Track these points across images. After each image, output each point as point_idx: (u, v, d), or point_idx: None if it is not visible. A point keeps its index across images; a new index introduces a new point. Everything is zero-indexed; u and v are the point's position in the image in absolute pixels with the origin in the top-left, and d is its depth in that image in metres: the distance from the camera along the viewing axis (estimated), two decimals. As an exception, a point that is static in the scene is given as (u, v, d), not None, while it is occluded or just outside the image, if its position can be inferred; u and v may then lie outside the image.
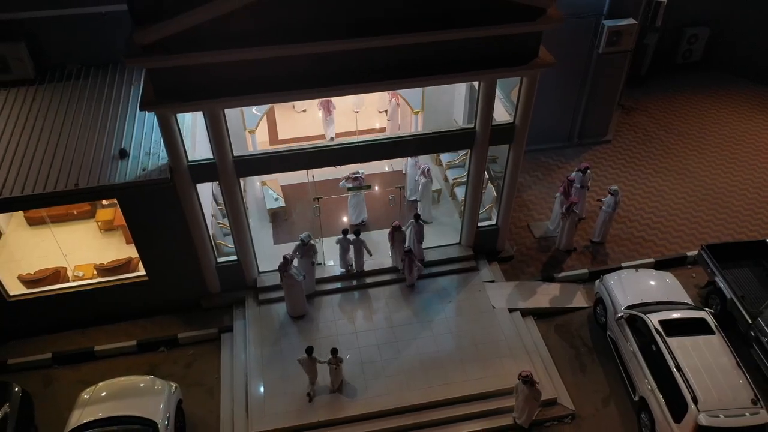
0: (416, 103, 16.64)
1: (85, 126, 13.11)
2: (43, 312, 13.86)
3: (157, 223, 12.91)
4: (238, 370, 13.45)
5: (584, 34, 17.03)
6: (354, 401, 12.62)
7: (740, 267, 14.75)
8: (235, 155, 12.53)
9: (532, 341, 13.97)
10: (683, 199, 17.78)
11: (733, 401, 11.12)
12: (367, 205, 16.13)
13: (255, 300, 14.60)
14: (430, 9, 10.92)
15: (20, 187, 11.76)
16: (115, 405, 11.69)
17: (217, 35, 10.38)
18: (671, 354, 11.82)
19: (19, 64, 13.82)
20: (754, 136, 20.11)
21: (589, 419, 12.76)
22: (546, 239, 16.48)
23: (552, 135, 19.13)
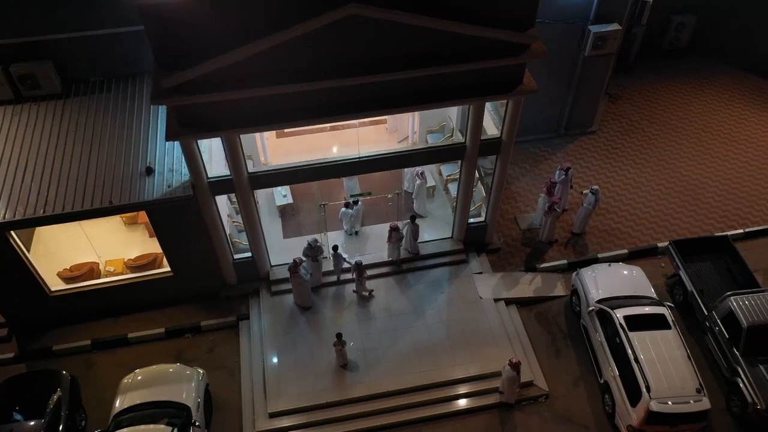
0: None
1: (112, 141, 14.46)
2: (81, 304, 15.66)
3: (181, 230, 14.51)
4: (255, 355, 15.35)
5: (571, 37, 18.08)
6: (357, 384, 14.56)
7: (703, 261, 16.43)
8: (249, 171, 14.00)
9: (513, 328, 15.82)
10: (658, 191, 19.27)
11: (680, 390, 13.02)
12: (368, 202, 17.62)
13: (268, 291, 16.37)
14: (428, 49, 12.10)
15: (61, 204, 13.26)
16: (151, 391, 13.61)
17: (231, 77, 11.63)
18: (631, 347, 13.65)
19: (48, 80, 15.04)
20: (731, 127, 21.37)
21: (561, 398, 14.75)
22: (531, 231, 18.10)
23: (540, 126, 20.40)
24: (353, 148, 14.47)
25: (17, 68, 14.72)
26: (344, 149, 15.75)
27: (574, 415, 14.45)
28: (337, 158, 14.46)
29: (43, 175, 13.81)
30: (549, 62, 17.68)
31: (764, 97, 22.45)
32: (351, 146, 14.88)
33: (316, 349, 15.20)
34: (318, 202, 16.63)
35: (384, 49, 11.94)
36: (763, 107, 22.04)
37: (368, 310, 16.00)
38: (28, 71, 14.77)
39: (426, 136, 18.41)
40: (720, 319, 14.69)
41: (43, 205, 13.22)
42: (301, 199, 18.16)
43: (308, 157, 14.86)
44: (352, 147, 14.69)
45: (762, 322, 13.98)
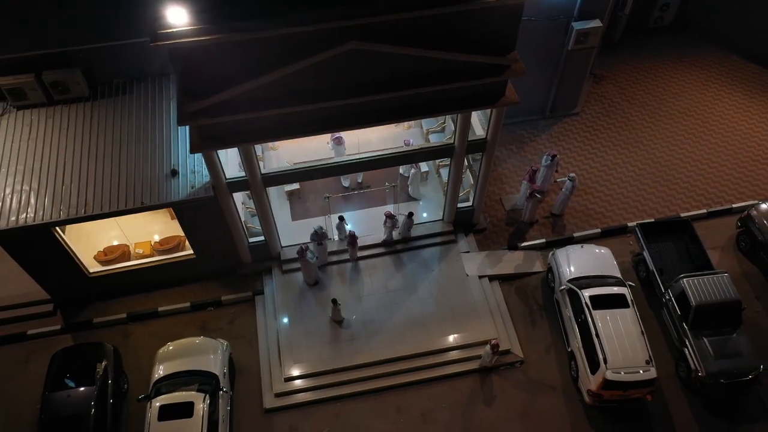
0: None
1: (139, 143, 16.17)
2: (116, 282, 17.83)
3: (202, 222, 16.45)
4: (270, 326, 17.66)
5: (556, 33, 19.38)
6: (360, 352, 16.92)
7: (666, 242, 18.46)
8: (262, 173, 15.82)
9: (495, 302, 18.06)
10: (633, 172, 21.07)
11: (632, 361, 15.34)
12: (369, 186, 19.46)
13: (280, 269, 18.51)
14: (420, 72, 13.65)
15: (99, 205, 15.16)
16: (184, 361, 15.94)
17: (245, 101, 13.26)
18: (594, 323, 15.90)
19: (76, 85, 16.56)
20: (705, 107, 22.87)
21: (534, 364, 17.15)
22: (515, 211, 20.03)
23: (527, 109, 21.89)
24: (355, 144, 16.23)
25: (49, 75, 16.24)
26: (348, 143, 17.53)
27: (544, 378, 16.90)
28: (341, 159, 16.24)
29: (80, 176, 15.62)
30: (536, 54, 19.35)
31: (739, 78, 23.85)
32: (352, 141, 16.61)
33: (323, 321, 17.50)
34: (322, 191, 18.45)
35: (380, 72, 13.51)
36: (737, 88, 23.48)
37: (368, 286, 18.19)
38: (59, 78, 16.29)
39: (428, 136, 20.08)
40: (674, 296, 16.89)
41: (83, 206, 15.13)
42: (307, 184, 19.96)
43: (313, 150, 16.63)
44: (353, 143, 16.43)
45: (708, 301, 16.17)
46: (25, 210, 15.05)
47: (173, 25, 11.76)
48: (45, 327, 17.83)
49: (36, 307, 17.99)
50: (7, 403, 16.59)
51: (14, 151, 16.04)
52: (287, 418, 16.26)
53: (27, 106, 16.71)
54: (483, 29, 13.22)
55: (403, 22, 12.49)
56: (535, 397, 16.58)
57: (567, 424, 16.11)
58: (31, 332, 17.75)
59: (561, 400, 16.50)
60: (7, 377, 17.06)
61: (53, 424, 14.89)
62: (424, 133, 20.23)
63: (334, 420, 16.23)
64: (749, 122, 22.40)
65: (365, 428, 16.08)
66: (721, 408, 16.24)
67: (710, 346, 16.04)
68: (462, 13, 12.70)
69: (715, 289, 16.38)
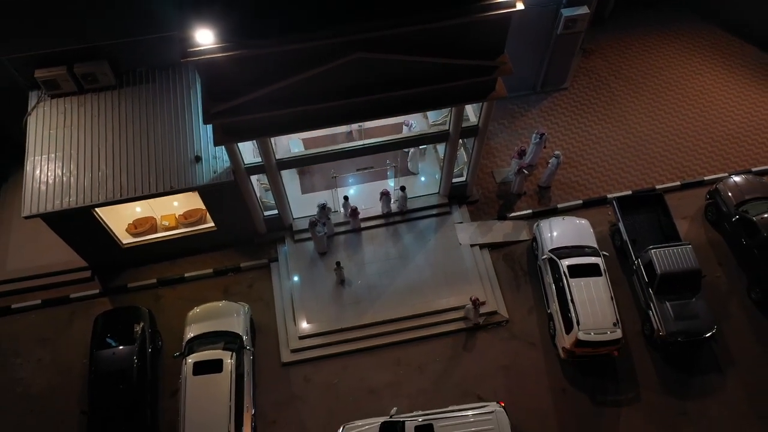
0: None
1: (164, 130, 17.86)
2: (146, 251, 19.94)
3: (223, 201, 18.39)
4: (284, 290, 19.89)
5: (546, 18, 20.66)
6: (365, 313, 19.22)
7: (639, 214, 20.41)
8: (276, 158, 17.62)
9: (485, 268, 20.23)
10: (615, 145, 22.79)
11: (601, 324, 17.63)
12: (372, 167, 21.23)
13: (292, 239, 20.58)
14: (420, 73, 15.25)
15: (133, 188, 17.06)
16: (211, 323, 18.23)
17: (262, 102, 14.92)
18: (570, 290, 18.12)
19: (104, 76, 18.09)
20: (687, 81, 24.31)
21: (518, 323, 19.49)
22: (505, 184, 21.90)
23: (519, 85, 23.30)
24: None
25: (79, 68, 17.75)
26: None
27: (526, 336, 19.28)
28: (347, 146, 18.03)
29: (114, 161, 17.44)
30: (527, 37, 20.84)
31: (721, 51, 25.16)
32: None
33: (331, 285, 19.72)
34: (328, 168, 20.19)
35: (383, 75, 15.11)
36: (718, 62, 24.85)
37: (371, 255, 20.31)
38: (88, 70, 17.81)
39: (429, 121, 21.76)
40: (643, 265, 19.02)
41: (119, 190, 17.04)
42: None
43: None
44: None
45: (672, 270, 18.31)
46: (68, 194, 16.97)
47: (199, 44, 13.33)
48: (85, 291, 20.07)
49: (75, 274, 20.17)
50: (58, 357, 19.03)
51: (52, 138, 17.79)
52: (302, 370, 18.75)
53: (60, 95, 18.30)
54: (476, 37, 14.75)
55: (403, 34, 14.03)
56: (517, 352, 19.01)
57: (544, 376, 18.61)
58: (74, 296, 20.01)
59: (540, 354, 18.93)
60: (55, 335, 19.44)
61: (102, 378, 17.32)
62: (428, 123, 21.69)
63: (343, 372, 18.71)
64: (727, 96, 23.93)
65: (369, 379, 18.57)
66: (678, 362, 18.68)
67: (671, 309, 18.30)
68: (458, 25, 14.20)
69: (678, 259, 18.51)
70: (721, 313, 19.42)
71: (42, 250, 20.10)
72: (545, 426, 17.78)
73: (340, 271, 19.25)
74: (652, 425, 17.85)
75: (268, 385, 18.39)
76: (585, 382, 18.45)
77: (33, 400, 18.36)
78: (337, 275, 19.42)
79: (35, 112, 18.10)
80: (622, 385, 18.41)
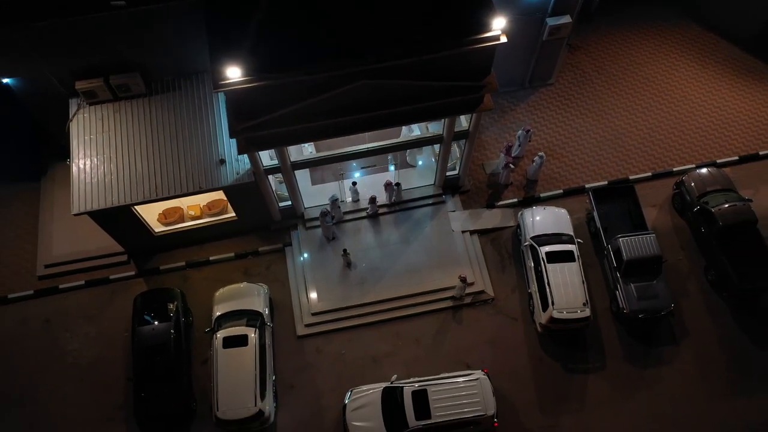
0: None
1: (191, 134, 20.17)
2: (175, 238, 22.58)
3: (245, 197, 20.90)
4: (298, 272, 22.62)
5: (533, 26, 22.66)
6: (369, 292, 21.98)
7: (612, 203, 22.91)
8: (291, 161, 20.05)
9: (474, 252, 22.90)
10: (594, 138, 25.10)
11: (573, 304, 20.42)
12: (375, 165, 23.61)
13: (304, 226, 23.19)
14: (417, 92, 17.53)
15: (167, 188, 19.51)
16: (236, 302, 21.00)
17: (280, 119, 17.27)
18: (546, 274, 20.84)
19: (136, 86, 20.31)
20: (663, 77, 26.39)
21: (502, 301, 22.29)
22: (494, 175, 24.33)
23: (508, 81, 25.44)
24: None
25: (114, 79, 19.92)
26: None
27: (509, 311, 22.11)
28: (353, 149, 20.45)
29: (148, 164, 19.85)
30: (516, 41, 22.83)
31: (698, 47, 27.13)
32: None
33: (339, 268, 22.43)
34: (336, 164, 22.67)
35: (385, 95, 17.41)
36: (693, 58, 26.86)
37: (374, 240, 22.95)
38: (123, 81, 20.01)
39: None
40: (612, 251, 21.68)
41: (155, 190, 19.52)
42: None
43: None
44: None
45: (637, 257, 20.97)
46: (111, 193, 19.45)
47: (227, 77, 15.62)
48: (122, 273, 22.80)
49: (113, 258, 22.86)
50: (102, 331, 21.91)
51: (93, 143, 20.15)
52: (314, 342, 21.67)
53: (97, 102, 20.55)
54: (466, 64, 17.02)
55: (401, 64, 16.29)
56: (501, 326, 21.89)
57: (524, 347, 21.53)
58: (113, 277, 22.76)
59: (521, 328, 21.82)
60: (99, 312, 22.25)
61: (144, 350, 20.21)
62: (426, 126, 23.86)
63: (349, 343, 21.63)
64: (699, 91, 26.07)
65: (372, 349, 21.49)
66: (640, 335, 21.58)
67: (635, 290, 21.05)
68: (449, 56, 16.42)
69: (643, 246, 21.16)
70: (680, 291, 22.22)
71: (83, 237, 22.67)
72: (523, 390, 20.81)
73: (346, 256, 21.95)
74: (615, 389, 20.88)
75: (285, 355, 21.35)
76: (559, 352, 21.38)
77: (83, 368, 21.33)
78: (344, 260, 22.12)
79: (76, 119, 20.41)
80: (590, 354, 21.36)
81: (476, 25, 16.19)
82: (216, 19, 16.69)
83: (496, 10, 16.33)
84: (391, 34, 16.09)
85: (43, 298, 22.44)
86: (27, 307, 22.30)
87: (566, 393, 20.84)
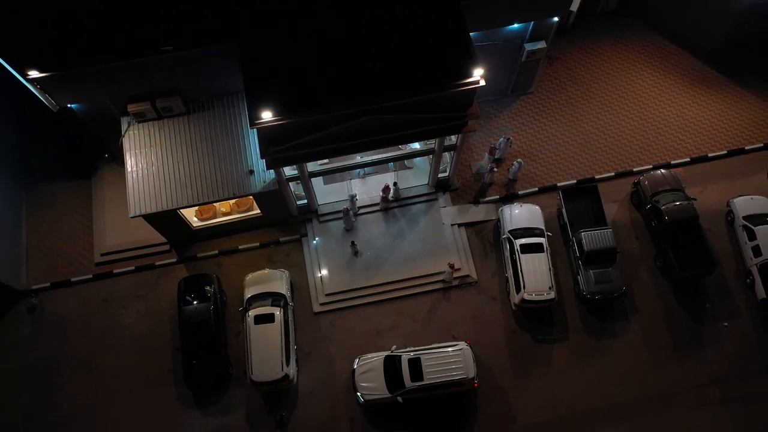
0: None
1: (224, 147, 24.16)
2: (210, 231, 26.85)
3: (270, 199, 25.04)
4: (313, 259, 26.95)
5: (512, 50, 26.32)
6: (374, 276, 26.35)
7: (579, 201, 27.02)
8: (308, 171, 24.14)
9: (462, 243, 27.17)
10: (567, 142, 29.02)
11: (541, 288, 24.80)
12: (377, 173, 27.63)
13: (318, 220, 27.40)
14: (412, 121, 21.47)
15: (206, 194, 23.63)
16: (263, 286, 25.40)
17: (301, 144, 21.28)
18: (520, 263, 25.16)
19: (177, 107, 24.20)
20: (630, 86, 30.06)
21: (484, 283, 26.69)
22: (480, 174, 28.39)
23: (493, 90, 29.15)
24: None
25: (160, 102, 23.78)
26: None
27: (489, 292, 26.54)
28: (359, 161, 24.50)
29: (190, 173, 23.91)
30: (499, 61, 26.68)
31: (661, 58, 30.71)
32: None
33: (348, 256, 26.74)
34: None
35: (386, 124, 21.36)
36: (657, 68, 30.49)
37: (377, 232, 27.18)
38: (166, 105, 23.90)
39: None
40: (576, 243, 25.94)
41: (197, 196, 23.64)
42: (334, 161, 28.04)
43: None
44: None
45: (595, 248, 25.23)
46: (160, 199, 23.57)
47: (261, 117, 19.61)
48: (166, 260, 27.16)
49: (157, 247, 27.17)
50: (152, 309, 26.39)
51: (142, 155, 24.16)
52: (328, 317, 26.18)
53: (144, 121, 24.48)
54: (453, 100, 20.90)
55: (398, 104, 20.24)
56: (482, 304, 26.35)
57: (501, 320, 26.05)
58: (158, 263, 27.12)
59: (499, 306, 26.30)
60: (147, 293, 26.69)
61: (189, 326, 24.70)
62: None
63: (357, 318, 26.13)
64: (660, 98, 29.83)
65: (376, 324, 25.99)
66: (597, 312, 26.06)
67: (593, 275, 25.39)
68: (441, 95, 20.32)
69: (601, 239, 25.40)
70: (633, 275, 26.61)
71: (131, 230, 26.87)
72: (499, 357, 25.42)
73: (354, 247, 26.25)
74: (575, 356, 25.49)
75: (304, 328, 25.89)
76: (529, 326, 25.89)
77: (138, 340, 25.90)
78: (352, 249, 26.42)
79: (128, 135, 24.37)
80: (555, 328, 25.89)
81: (460, 72, 20.02)
82: (250, 67, 20.49)
83: (477, 60, 20.14)
84: (390, 80, 19.95)
85: (101, 281, 26.88)
86: (87, 289, 26.75)
87: (534, 359, 25.44)
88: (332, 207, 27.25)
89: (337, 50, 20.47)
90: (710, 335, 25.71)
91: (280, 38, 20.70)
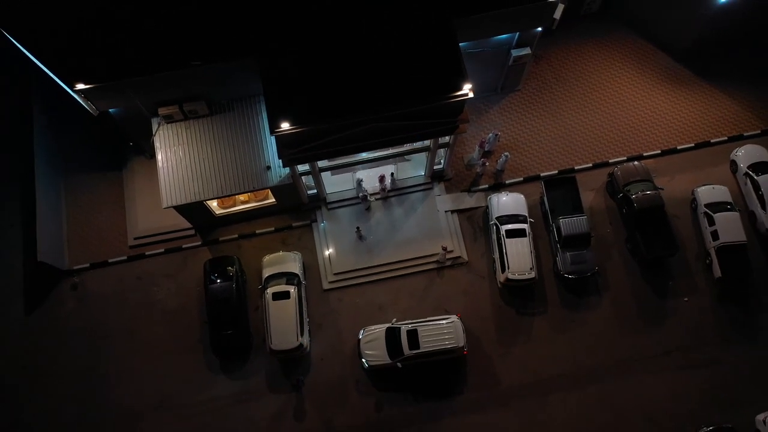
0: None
1: (245, 145, 27.27)
2: (231, 217, 30.16)
3: (284, 192, 28.29)
4: (322, 242, 30.34)
5: (500, 55, 29.21)
6: (376, 257, 29.77)
7: (559, 190, 30.26)
8: (319, 167, 27.34)
9: (455, 227, 30.53)
10: (550, 135, 32.09)
11: (522, 268, 28.25)
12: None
13: (326, 207, 30.71)
14: (410, 125, 24.61)
15: (238, 186, 26.81)
16: (279, 266, 28.82)
17: (315, 147, 24.45)
18: (505, 246, 28.55)
19: (202, 109, 27.25)
20: (608, 84, 32.93)
21: (474, 263, 30.12)
22: (471, 166, 31.56)
23: (484, 88, 32.06)
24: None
25: (187, 106, 26.83)
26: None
27: (479, 271, 30.00)
28: (364, 157, 27.70)
29: (214, 169, 27.09)
30: (488, 64, 29.59)
31: (638, 57, 33.52)
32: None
33: (354, 240, 30.11)
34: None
35: (389, 128, 24.50)
36: (634, 66, 33.33)
37: (379, 219, 30.50)
38: (193, 108, 26.94)
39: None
40: (556, 228, 29.30)
41: (221, 189, 26.89)
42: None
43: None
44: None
45: (572, 233, 28.60)
46: (189, 191, 26.80)
47: (280, 126, 22.76)
48: (191, 243, 30.54)
49: (184, 232, 30.52)
50: (180, 287, 29.86)
51: (172, 152, 27.29)
52: (336, 294, 29.70)
53: (172, 122, 27.54)
54: (446, 109, 24.01)
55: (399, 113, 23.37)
56: (472, 281, 29.84)
57: (488, 297, 29.58)
58: (184, 246, 30.51)
59: (486, 284, 29.81)
60: (176, 272, 30.13)
61: (215, 303, 28.20)
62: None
63: (362, 295, 29.64)
64: (635, 95, 32.77)
65: (379, 300, 29.52)
66: (573, 289, 29.57)
67: (569, 257, 28.84)
68: (436, 105, 23.43)
69: (577, 226, 28.77)
70: (605, 256, 30.04)
71: (160, 216, 30.13)
72: (486, 328, 29.03)
73: (358, 231, 29.63)
74: (553, 328, 29.10)
75: (315, 304, 29.44)
76: (513, 301, 29.44)
77: (169, 314, 29.45)
78: (357, 234, 29.80)
79: (158, 134, 27.48)
80: (536, 303, 29.44)
81: (452, 87, 23.10)
82: (270, 82, 23.49)
83: (467, 76, 23.19)
84: (392, 93, 23.03)
85: (134, 261, 30.32)
86: (123, 269, 30.21)
87: (517, 330, 29.05)
88: (339, 195, 30.50)
89: (345, 67, 23.49)
90: (673, 309, 29.27)
91: (296, 55, 23.70)
